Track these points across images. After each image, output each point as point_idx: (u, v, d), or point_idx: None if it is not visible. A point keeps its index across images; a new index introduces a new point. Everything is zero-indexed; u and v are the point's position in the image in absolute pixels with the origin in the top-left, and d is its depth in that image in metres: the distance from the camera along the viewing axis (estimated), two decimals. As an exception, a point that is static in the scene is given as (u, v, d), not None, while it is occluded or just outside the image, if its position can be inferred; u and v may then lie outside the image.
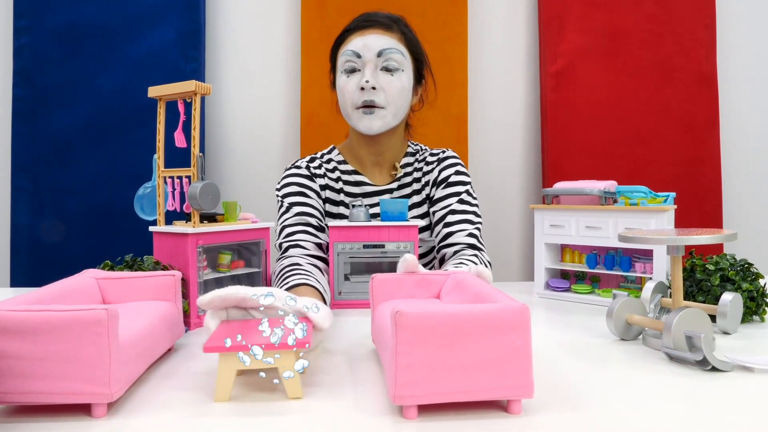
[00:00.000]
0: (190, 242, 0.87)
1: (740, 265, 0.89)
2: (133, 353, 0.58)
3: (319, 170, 1.22)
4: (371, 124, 1.15)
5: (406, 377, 0.50)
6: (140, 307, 0.70)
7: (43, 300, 0.62)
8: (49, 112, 1.73)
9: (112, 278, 0.74)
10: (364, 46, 1.14)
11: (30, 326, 0.51)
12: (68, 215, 1.72)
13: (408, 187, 1.25)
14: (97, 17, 1.74)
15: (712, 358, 0.64)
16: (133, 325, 0.61)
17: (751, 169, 1.93)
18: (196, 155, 0.88)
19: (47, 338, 0.51)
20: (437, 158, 1.26)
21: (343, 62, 1.16)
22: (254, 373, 0.64)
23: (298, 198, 1.16)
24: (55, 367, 0.51)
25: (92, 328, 0.51)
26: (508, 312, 0.51)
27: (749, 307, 0.86)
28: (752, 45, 1.94)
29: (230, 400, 0.56)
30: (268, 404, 0.55)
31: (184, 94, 0.89)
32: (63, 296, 0.66)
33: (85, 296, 0.70)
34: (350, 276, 1.04)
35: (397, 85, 1.16)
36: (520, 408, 0.53)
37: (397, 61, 1.15)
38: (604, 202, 1.07)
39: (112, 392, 0.51)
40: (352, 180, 1.23)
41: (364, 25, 1.17)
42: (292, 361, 0.56)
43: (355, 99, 1.15)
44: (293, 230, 1.12)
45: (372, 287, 0.74)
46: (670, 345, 0.68)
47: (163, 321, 0.69)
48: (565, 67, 1.84)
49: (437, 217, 1.20)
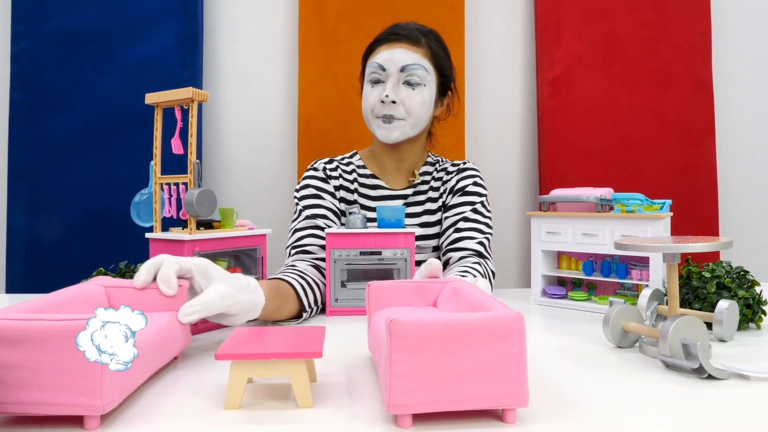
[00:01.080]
0: (186, 249, 0.87)
1: (736, 273, 0.89)
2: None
3: (334, 172, 1.26)
4: (389, 134, 1.20)
5: (400, 386, 0.50)
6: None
7: (46, 308, 0.61)
8: (47, 116, 1.73)
9: (120, 286, 0.73)
10: (389, 59, 1.18)
11: (22, 335, 0.50)
12: (65, 220, 1.72)
13: (423, 195, 1.28)
14: (96, 22, 1.74)
15: (708, 366, 0.64)
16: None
17: (747, 176, 1.94)
18: (193, 162, 0.88)
19: (40, 348, 0.50)
20: (458, 168, 1.30)
21: (369, 72, 1.21)
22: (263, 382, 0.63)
23: (309, 201, 1.21)
24: (48, 378, 0.50)
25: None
26: (502, 320, 0.51)
27: (745, 314, 0.86)
28: (747, 53, 1.95)
29: (240, 408, 0.56)
30: (274, 413, 0.55)
31: (181, 101, 0.89)
32: (68, 304, 0.65)
33: (90, 304, 0.68)
34: (347, 283, 1.04)
35: (418, 99, 1.19)
36: (515, 417, 0.52)
37: (420, 77, 1.19)
38: (600, 210, 1.07)
39: (104, 404, 0.51)
40: (369, 183, 1.27)
41: (392, 38, 1.21)
42: (303, 369, 0.56)
43: (376, 109, 1.20)
44: (301, 234, 1.16)
45: (368, 294, 0.74)
46: (667, 353, 0.68)
47: (167, 330, 0.68)
48: (562, 74, 1.85)
49: (448, 222, 1.22)
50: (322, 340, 0.60)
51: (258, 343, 0.59)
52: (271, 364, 0.56)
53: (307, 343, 0.59)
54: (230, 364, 0.56)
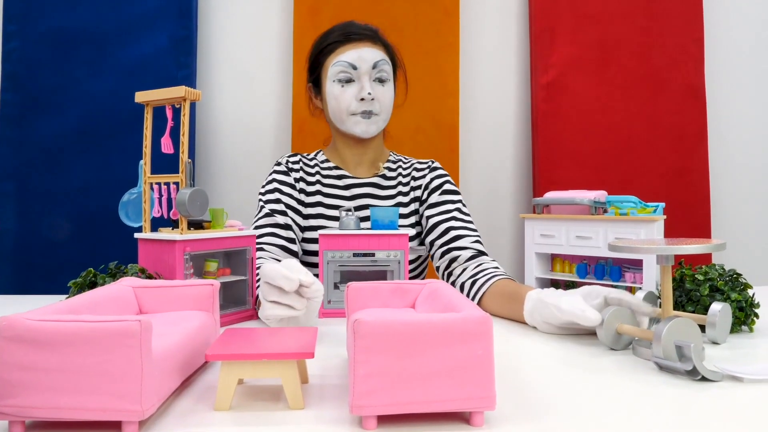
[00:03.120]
0: (177, 249, 0.86)
1: (729, 276, 0.89)
2: (167, 367, 0.55)
3: (296, 165, 1.29)
4: (368, 128, 1.23)
5: (364, 387, 0.49)
6: (177, 318, 0.67)
7: (75, 309, 0.59)
8: (38, 117, 1.71)
9: (149, 287, 0.72)
10: (359, 58, 1.21)
11: (59, 338, 0.48)
12: (54, 221, 1.70)
13: (393, 189, 1.29)
14: (89, 23, 1.73)
15: (701, 368, 0.63)
16: (169, 337, 0.58)
17: (739, 180, 1.95)
18: (184, 161, 0.87)
19: (77, 350, 0.48)
20: (428, 166, 1.33)
21: (336, 72, 1.22)
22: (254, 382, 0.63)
23: (271, 195, 1.23)
24: (85, 382, 0.48)
25: (124, 340, 0.48)
26: (469, 321, 0.50)
27: (738, 317, 0.86)
28: (740, 59, 1.96)
29: (230, 410, 0.55)
30: (265, 414, 0.55)
31: (172, 99, 0.89)
32: (97, 305, 0.63)
33: (120, 306, 0.67)
34: (340, 285, 1.03)
35: (389, 95, 1.26)
36: (483, 420, 0.51)
37: (387, 72, 1.24)
38: (594, 212, 1.07)
39: (144, 409, 0.48)
40: (334, 174, 1.29)
41: (355, 38, 1.23)
42: (294, 370, 0.55)
43: (352, 107, 1.22)
44: (261, 232, 1.19)
45: (347, 296, 0.74)
46: (660, 354, 0.67)
47: (200, 332, 0.66)
48: (556, 79, 1.85)
49: (437, 220, 1.23)
50: (314, 341, 0.59)
51: (249, 344, 0.58)
52: (262, 364, 0.55)
53: (299, 343, 0.58)
54: (221, 364, 0.55)
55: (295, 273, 0.78)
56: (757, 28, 1.96)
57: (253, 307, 1.00)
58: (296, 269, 0.79)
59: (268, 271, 0.79)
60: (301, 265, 0.81)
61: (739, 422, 0.53)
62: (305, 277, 0.78)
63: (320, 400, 0.58)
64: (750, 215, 1.95)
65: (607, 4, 1.86)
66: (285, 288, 0.77)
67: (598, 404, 0.57)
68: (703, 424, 0.53)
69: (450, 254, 1.18)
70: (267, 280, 0.79)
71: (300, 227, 1.24)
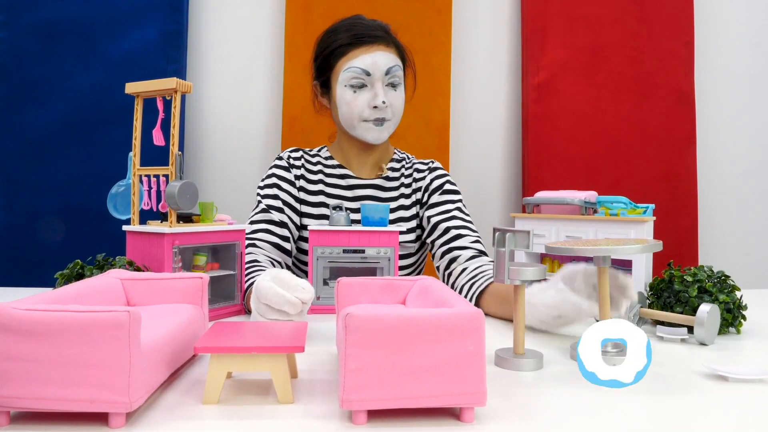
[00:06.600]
0: (166, 242, 0.85)
1: (717, 277, 0.90)
2: (156, 359, 0.54)
3: (298, 161, 1.27)
4: (380, 135, 1.21)
5: (354, 381, 0.49)
6: (165, 310, 0.66)
7: (62, 300, 0.58)
8: (25, 109, 1.69)
9: (137, 279, 0.71)
10: (373, 64, 1.17)
11: (46, 327, 0.47)
12: (42, 214, 1.68)
13: (395, 191, 1.28)
14: (78, 15, 1.71)
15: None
16: (157, 329, 0.58)
17: (727, 184, 1.97)
18: (175, 154, 0.86)
19: (64, 341, 0.47)
20: (428, 167, 1.31)
21: (349, 77, 1.18)
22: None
23: (269, 191, 1.22)
24: (72, 372, 0.47)
25: (112, 331, 0.47)
26: (461, 317, 0.50)
27: (726, 318, 0.87)
28: (729, 64, 1.98)
29: (219, 403, 0.55)
30: (253, 408, 0.54)
31: (163, 91, 0.88)
32: (85, 296, 0.62)
33: (108, 297, 0.66)
34: (329, 281, 1.03)
35: (401, 99, 1.23)
36: (473, 416, 0.51)
37: (399, 77, 1.22)
38: (584, 212, 1.08)
39: (131, 401, 0.48)
40: (337, 173, 1.27)
41: (367, 41, 1.19)
42: (284, 364, 0.55)
43: (365, 114, 1.19)
44: (255, 228, 1.17)
45: (337, 291, 0.73)
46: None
47: (189, 325, 0.65)
48: (547, 81, 1.86)
49: (437, 220, 1.23)
50: (305, 335, 0.58)
51: (238, 337, 0.58)
52: (252, 358, 0.54)
53: (289, 337, 0.57)
54: (210, 357, 0.55)
55: (292, 291, 0.73)
56: (746, 34, 1.98)
57: (241, 302, 0.99)
58: (293, 286, 0.73)
59: (265, 292, 0.73)
60: (291, 274, 0.76)
61: (723, 420, 0.53)
62: (303, 295, 0.73)
63: (310, 394, 0.58)
64: (737, 219, 1.97)
65: (599, 8, 1.87)
66: (290, 312, 0.73)
67: (588, 402, 0.57)
68: (691, 422, 0.53)
69: (450, 254, 1.18)
70: (267, 303, 0.73)
71: (296, 225, 1.22)
